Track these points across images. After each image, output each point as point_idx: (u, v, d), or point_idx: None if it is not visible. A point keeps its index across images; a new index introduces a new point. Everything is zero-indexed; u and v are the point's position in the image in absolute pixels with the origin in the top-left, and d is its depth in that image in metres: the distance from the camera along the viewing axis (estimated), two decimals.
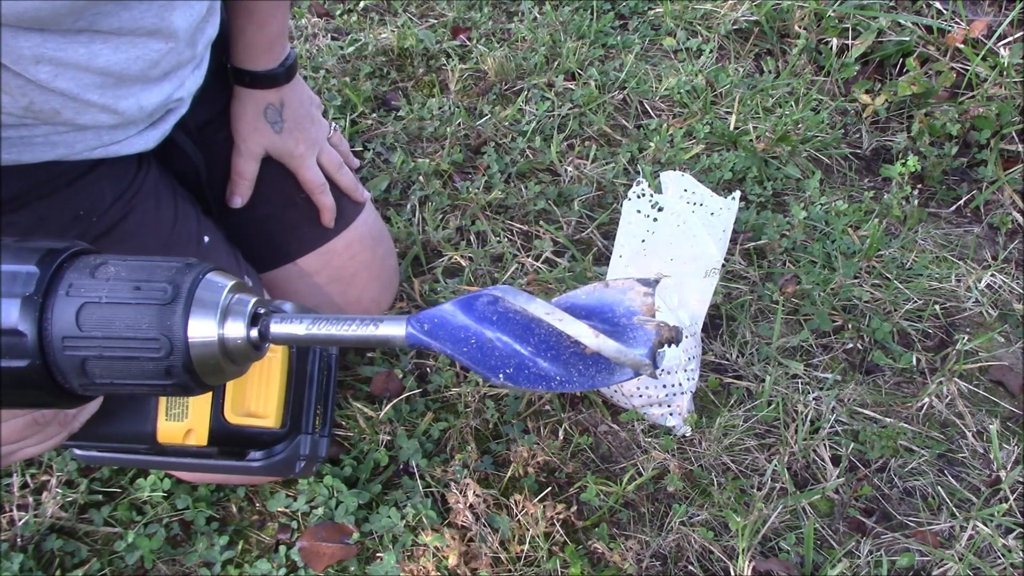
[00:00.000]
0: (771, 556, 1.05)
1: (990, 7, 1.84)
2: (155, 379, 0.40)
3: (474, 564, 1.00)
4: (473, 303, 0.41)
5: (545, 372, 0.39)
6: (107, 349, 0.39)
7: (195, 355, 0.40)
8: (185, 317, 0.39)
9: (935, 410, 1.23)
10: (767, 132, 1.58)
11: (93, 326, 0.39)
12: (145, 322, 0.39)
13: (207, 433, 0.58)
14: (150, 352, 0.39)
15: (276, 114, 1.02)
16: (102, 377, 0.40)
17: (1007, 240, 1.53)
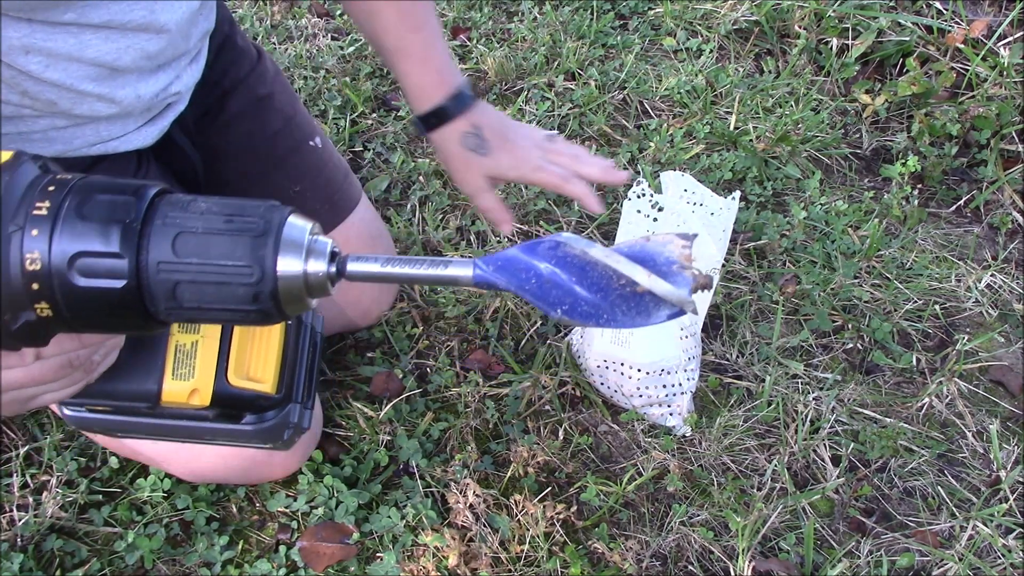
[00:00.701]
0: (771, 556, 1.05)
1: (990, 7, 1.84)
2: (242, 304, 0.43)
3: (474, 564, 1.00)
4: (536, 247, 0.46)
5: (595, 310, 0.45)
6: (201, 274, 0.42)
7: (281, 285, 0.44)
8: (276, 249, 0.43)
9: (935, 410, 1.23)
10: (767, 132, 1.58)
11: (189, 252, 0.42)
12: (239, 251, 0.43)
13: (210, 394, 0.59)
14: (242, 278, 0.43)
15: (476, 139, 0.95)
16: (191, 301, 0.43)
17: (1007, 240, 1.53)
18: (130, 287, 0.42)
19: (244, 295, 0.43)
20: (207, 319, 0.45)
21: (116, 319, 0.44)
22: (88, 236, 0.42)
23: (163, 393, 0.59)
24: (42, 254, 0.42)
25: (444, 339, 1.24)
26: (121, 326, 0.45)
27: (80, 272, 0.42)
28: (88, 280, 0.42)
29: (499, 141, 0.95)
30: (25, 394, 0.54)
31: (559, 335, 1.25)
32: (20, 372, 0.52)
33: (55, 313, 0.43)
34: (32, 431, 1.08)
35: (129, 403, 0.59)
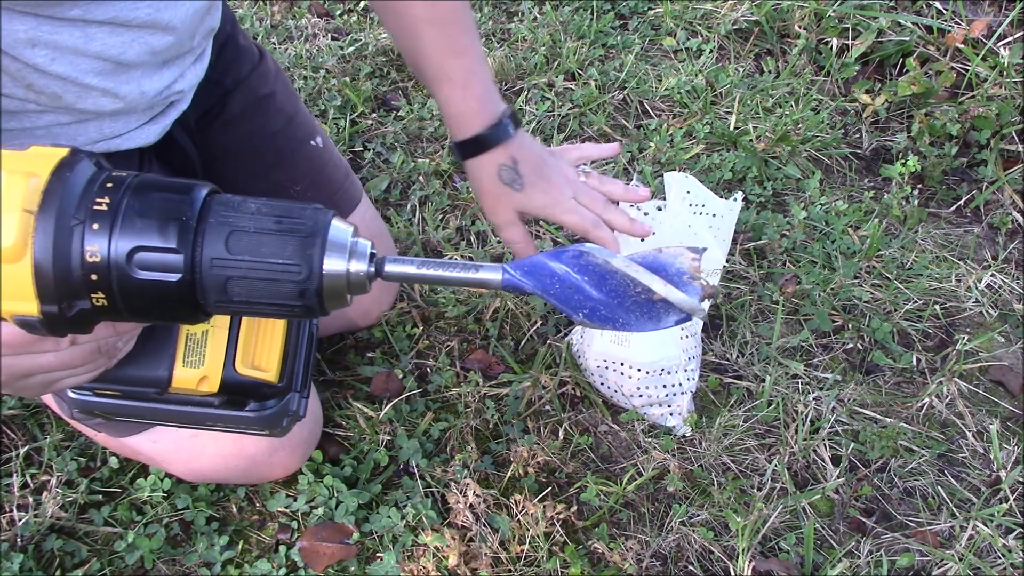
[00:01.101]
0: (771, 556, 1.05)
1: (990, 7, 1.84)
2: (288, 299, 0.46)
3: (474, 564, 1.00)
4: (561, 254, 0.50)
5: (612, 314, 0.49)
6: (252, 271, 0.45)
7: (326, 283, 0.47)
8: (322, 249, 0.46)
9: (935, 410, 1.23)
10: (767, 132, 1.58)
11: (241, 250, 0.45)
12: (289, 250, 0.46)
13: (219, 382, 0.61)
14: (291, 275, 0.46)
15: (512, 173, 0.93)
16: (240, 296, 0.46)
17: (1007, 240, 1.53)
18: (184, 281, 0.45)
19: (291, 291, 0.46)
20: (253, 313, 0.48)
21: (167, 310, 0.46)
22: (147, 232, 0.44)
23: (173, 379, 0.61)
24: (102, 248, 0.44)
25: (444, 339, 1.24)
26: (170, 317, 0.48)
27: (138, 266, 0.44)
28: (145, 273, 0.44)
29: (535, 177, 0.93)
30: (51, 378, 0.55)
31: (559, 335, 1.25)
32: (52, 357, 0.53)
33: (110, 303, 0.45)
34: (32, 431, 1.08)
35: (139, 388, 0.61)
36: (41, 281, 0.44)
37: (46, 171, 0.44)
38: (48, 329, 0.46)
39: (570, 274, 0.50)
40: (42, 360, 0.53)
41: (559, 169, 0.95)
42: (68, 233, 0.44)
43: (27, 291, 0.44)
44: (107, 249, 0.44)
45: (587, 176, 0.97)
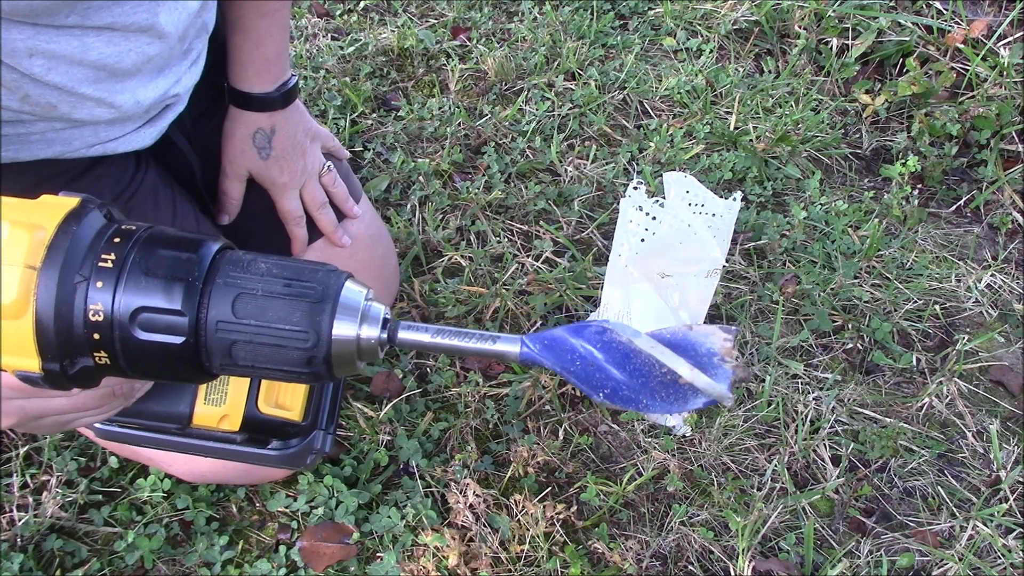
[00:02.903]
0: (771, 556, 1.05)
1: (990, 7, 1.84)
2: (295, 366, 0.45)
3: (474, 564, 1.00)
4: (583, 330, 0.47)
5: (635, 395, 0.47)
6: (258, 336, 0.44)
7: (335, 350, 0.45)
8: (332, 315, 0.45)
9: (935, 410, 1.23)
10: (767, 132, 1.58)
11: (247, 314, 0.44)
12: (297, 316, 0.44)
13: (240, 420, 0.61)
14: (297, 342, 0.44)
15: (265, 140, 0.98)
16: (245, 360, 0.45)
17: (1007, 240, 1.53)
18: (188, 344, 0.44)
19: (298, 358, 0.45)
20: (259, 376, 0.47)
21: (170, 370, 0.46)
22: (152, 292, 0.43)
23: (194, 416, 0.60)
24: (105, 306, 0.43)
25: None
26: (174, 377, 0.47)
27: (141, 327, 0.43)
28: (149, 335, 0.44)
29: (281, 153, 0.99)
30: (65, 419, 0.55)
31: None
32: (65, 401, 0.52)
33: (112, 361, 0.44)
34: None
35: (160, 423, 0.60)
36: (43, 339, 0.43)
37: (53, 224, 0.43)
38: (50, 385, 0.45)
39: (592, 352, 0.47)
40: (54, 403, 0.53)
41: (305, 155, 1.01)
42: (71, 290, 0.43)
43: (28, 348, 0.43)
44: (111, 308, 0.43)
45: (327, 173, 1.04)
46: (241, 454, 0.63)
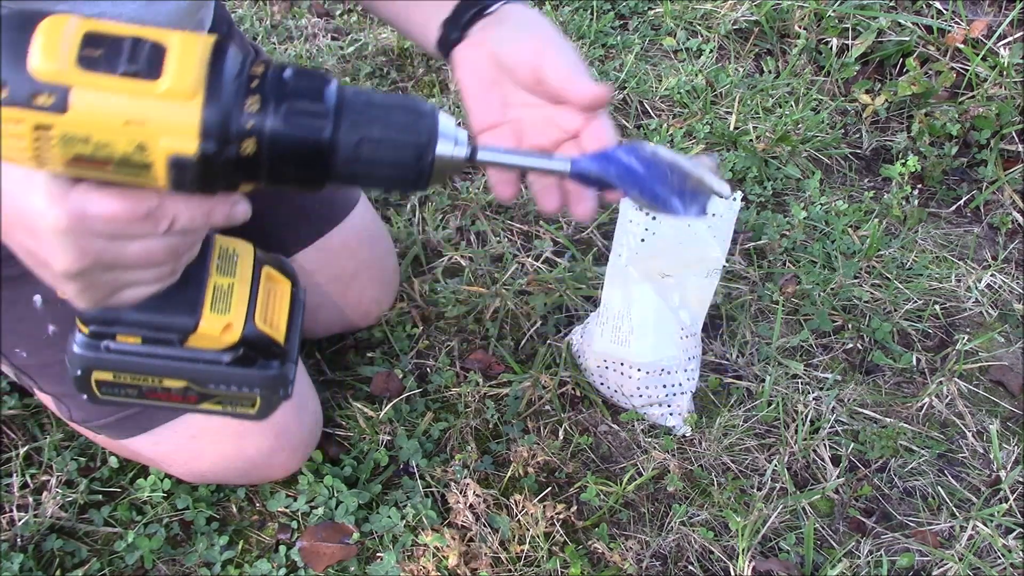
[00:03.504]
0: (771, 556, 1.05)
1: (990, 7, 1.84)
2: (405, 163, 0.53)
3: (474, 564, 1.00)
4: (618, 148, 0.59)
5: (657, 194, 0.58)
6: (383, 133, 0.52)
7: (437, 157, 0.53)
8: (435, 124, 0.53)
9: (935, 410, 1.23)
10: (767, 132, 1.58)
11: (374, 116, 0.52)
12: (412, 118, 0.52)
13: (240, 332, 0.64)
14: (413, 140, 0.52)
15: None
16: (367, 156, 0.52)
17: (1007, 240, 1.53)
18: (324, 139, 0.50)
19: (411, 156, 0.53)
20: (371, 180, 0.54)
21: (300, 168, 0.51)
22: (299, 93, 0.50)
23: (200, 324, 0.63)
24: (263, 97, 0.49)
25: (444, 339, 1.24)
26: (298, 177, 0.52)
27: (291, 118, 0.49)
28: (297, 129, 0.50)
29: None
30: (126, 278, 0.57)
31: (559, 335, 1.25)
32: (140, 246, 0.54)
33: (256, 153, 0.50)
34: (32, 431, 1.08)
35: (164, 333, 0.63)
36: (206, 120, 0.48)
37: (207, 39, 0.49)
38: (199, 169, 0.49)
39: (629, 160, 0.58)
40: (130, 250, 0.54)
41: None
42: (234, 82, 0.48)
43: (192, 129, 0.48)
44: (267, 101, 0.49)
45: None
46: (227, 375, 0.66)
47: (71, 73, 0.46)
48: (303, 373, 1.05)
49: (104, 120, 0.47)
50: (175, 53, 0.48)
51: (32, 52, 0.46)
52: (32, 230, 0.54)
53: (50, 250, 0.54)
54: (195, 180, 0.50)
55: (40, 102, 0.46)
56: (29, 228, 0.54)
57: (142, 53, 0.47)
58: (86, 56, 0.47)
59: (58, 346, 0.89)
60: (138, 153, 0.48)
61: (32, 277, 0.89)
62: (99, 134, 0.47)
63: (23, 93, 0.46)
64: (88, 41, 0.47)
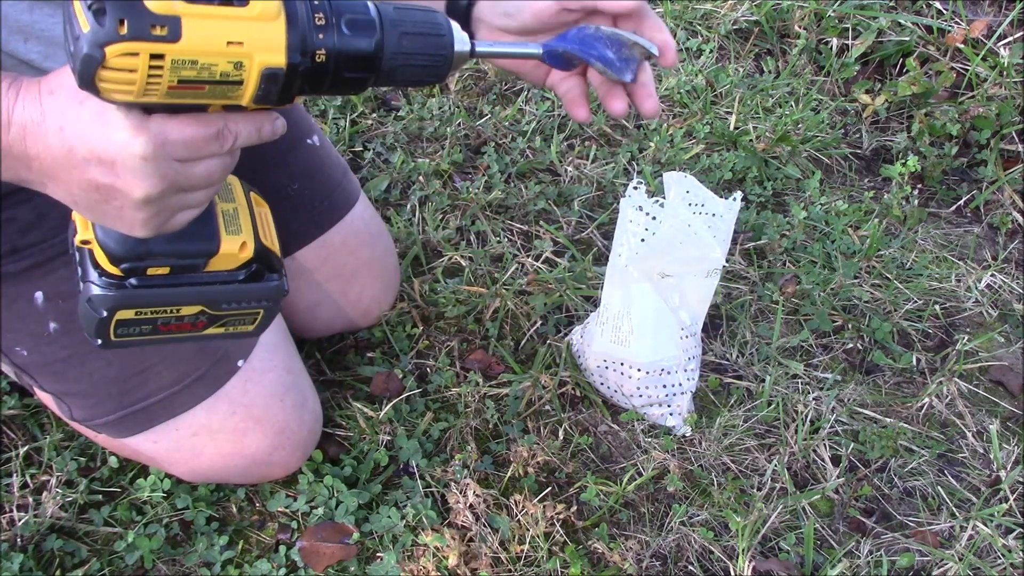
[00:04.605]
0: (771, 556, 1.05)
1: (990, 7, 1.84)
2: (437, 51, 0.64)
3: (474, 564, 1.00)
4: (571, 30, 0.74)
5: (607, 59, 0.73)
6: (417, 28, 0.62)
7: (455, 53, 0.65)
8: (451, 25, 0.65)
9: (935, 410, 1.23)
10: (767, 132, 1.58)
11: (407, 17, 0.62)
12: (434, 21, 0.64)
13: (253, 247, 0.72)
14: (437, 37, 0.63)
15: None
16: (408, 48, 0.62)
17: (1007, 240, 1.53)
18: (378, 40, 0.60)
19: (438, 45, 0.64)
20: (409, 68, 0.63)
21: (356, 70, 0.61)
22: (351, 8, 0.59)
23: (222, 245, 0.70)
24: (325, 13, 0.58)
25: (444, 339, 1.24)
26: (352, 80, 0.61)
27: (349, 28, 0.59)
28: (353, 31, 0.59)
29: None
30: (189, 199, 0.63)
31: (559, 335, 1.25)
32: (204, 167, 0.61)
33: (326, 60, 0.58)
34: (32, 431, 1.08)
35: (192, 260, 0.70)
36: (290, 37, 0.56)
37: None
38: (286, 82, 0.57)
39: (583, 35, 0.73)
40: (197, 170, 0.61)
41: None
42: (303, 3, 0.57)
43: (279, 44, 0.56)
44: (329, 15, 0.58)
45: None
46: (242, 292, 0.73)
47: (180, 5, 0.52)
48: (303, 372, 1.05)
49: (211, 44, 0.54)
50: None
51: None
52: (111, 163, 0.59)
53: (132, 179, 0.59)
54: (279, 91, 0.58)
55: (157, 33, 0.52)
56: (108, 162, 0.59)
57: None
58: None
59: (59, 343, 0.90)
60: (235, 71, 0.55)
61: (34, 274, 0.89)
62: (205, 56, 0.54)
63: (142, 26, 0.51)
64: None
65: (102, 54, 0.52)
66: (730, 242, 1.11)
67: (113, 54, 0.52)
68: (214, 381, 0.95)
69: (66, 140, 0.60)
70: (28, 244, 0.86)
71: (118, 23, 0.51)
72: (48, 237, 0.86)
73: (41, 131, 0.60)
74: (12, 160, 0.62)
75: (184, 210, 0.64)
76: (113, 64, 0.52)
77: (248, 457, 0.99)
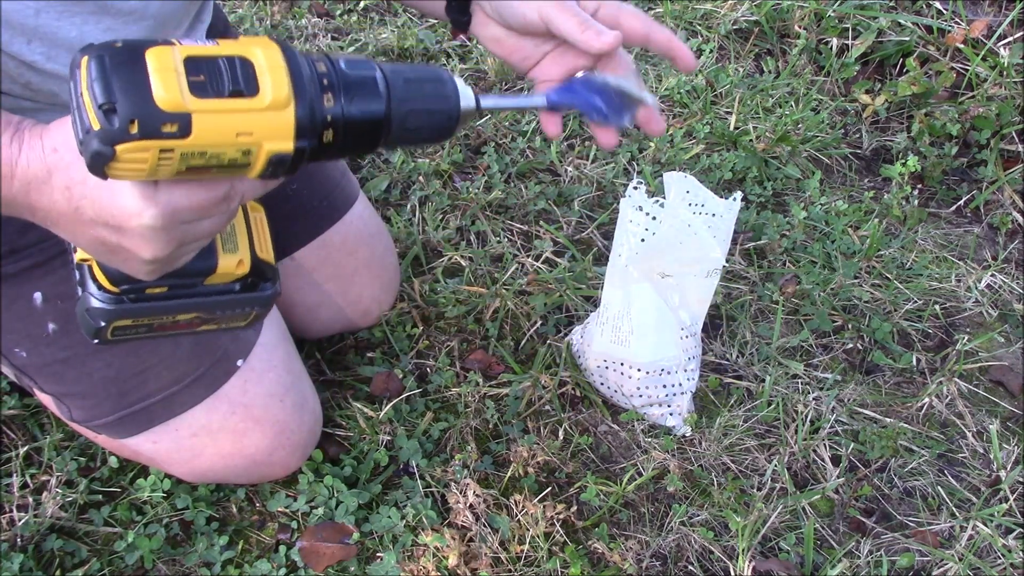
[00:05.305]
0: (771, 556, 1.05)
1: (990, 7, 1.84)
2: (443, 122, 0.64)
3: (474, 564, 1.00)
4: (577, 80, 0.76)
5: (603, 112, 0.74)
6: (424, 103, 0.62)
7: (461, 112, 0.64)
8: (457, 89, 0.64)
9: (935, 410, 1.23)
10: (767, 132, 1.58)
11: (414, 91, 0.61)
12: (440, 88, 0.63)
13: (250, 262, 0.73)
14: (446, 105, 0.63)
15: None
16: (412, 123, 0.62)
17: (1007, 240, 1.53)
18: (385, 115, 0.60)
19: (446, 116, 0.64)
20: (415, 139, 0.64)
21: (362, 144, 0.61)
22: (361, 83, 0.59)
23: (219, 265, 0.71)
24: (334, 94, 0.57)
25: (444, 339, 1.24)
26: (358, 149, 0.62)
27: (357, 107, 0.58)
28: (362, 112, 0.59)
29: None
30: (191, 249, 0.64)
31: (559, 335, 1.25)
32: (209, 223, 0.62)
33: (334, 139, 0.58)
34: (32, 431, 1.08)
35: (189, 279, 0.71)
36: (300, 123, 0.56)
37: (276, 46, 0.56)
38: (292, 163, 0.58)
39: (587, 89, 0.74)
40: (203, 227, 0.62)
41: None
42: (311, 84, 0.56)
43: (288, 132, 0.56)
44: (338, 96, 0.57)
45: None
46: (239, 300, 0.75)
47: (190, 101, 0.52)
48: (303, 372, 1.05)
49: (220, 137, 0.54)
50: (263, 66, 0.55)
51: (154, 85, 0.51)
52: (119, 228, 0.59)
53: (139, 243, 0.60)
54: (285, 170, 0.59)
55: (167, 130, 0.52)
56: (116, 226, 0.59)
57: (237, 71, 0.54)
58: (194, 82, 0.52)
59: (58, 344, 0.90)
60: (243, 157, 0.55)
61: (33, 275, 0.89)
62: (214, 148, 0.54)
63: (153, 125, 0.51)
64: (190, 66, 0.53)
65: (112, 152, 0.52)
66: (730, 242, 1.11)
67: (123, 152, 0.52)
68: (213, 381, 0.95)
69: (72, 200, 0.60)
70: (27, 244, 0.86)
71: (129, 123, 0.51)
72: (47, 236, 0.86)
73: (47, 188, 0.61)
74: (17, 208, 0.64)
75: (188, 253, 0.65)
76: (123, 159, 0.53)
77: (248, 457, 0.99)
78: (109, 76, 0.51)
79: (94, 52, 0.52)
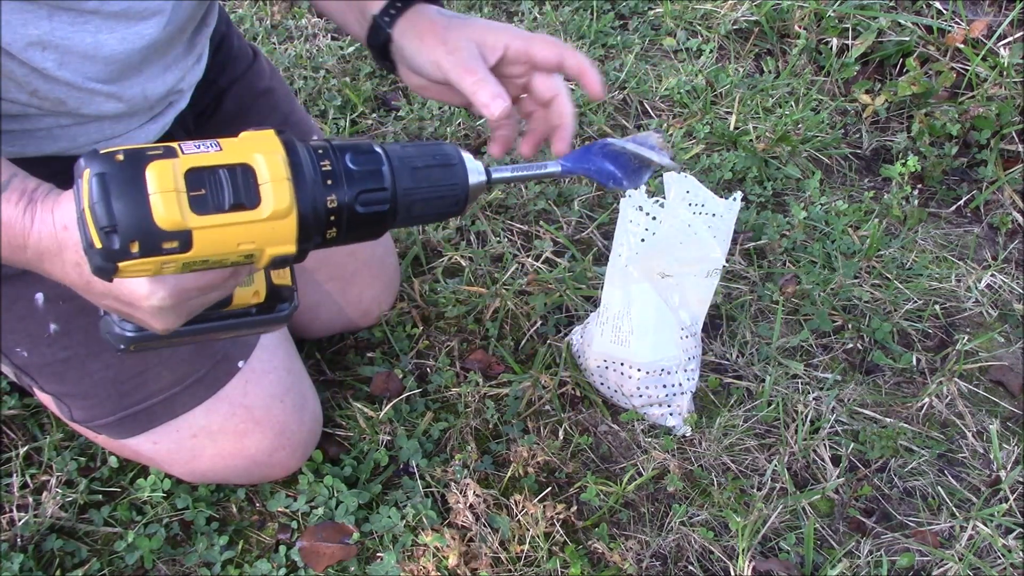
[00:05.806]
0: (771, 556, 1.05)
1: (990, 7, 1.84)
2: (450, 207, 0.65)
3: (474, 564, 1.00)
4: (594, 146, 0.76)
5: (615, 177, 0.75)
6: (431, 191, 0.63)
7: (470, 191, 0.65)
8: (466, 171, 0.65)
9: (935, 410, 1.23)
10: (767, 132, 1.58)
11: (420, 179, 0.62)
12: (449, 172, 0.64)
13: (265, 291, 0.74)
14: (453, 191, 0.64)
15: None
16: (419, 211, 0.63)
17: (1007, 240, 1.53)
18: (390, 209, 0.61)
19: (452, 200, 0.64)
20: (422, 221, 0.65)
21: (367, 233, 0.62)
22: (365, 179, 0.59)
23: (234, 299, 0.71)
24: (338, 196, 0.58)
25: (444, 339, 1.24)
26: (367, 236, 0.62)
27: (362, 204, 0.59)
28: (366, 208, 0.60)
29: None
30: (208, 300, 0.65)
31: (559, 335, 1.25)
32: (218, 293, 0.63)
33: (337, 235, 0.59)
34: (32, 431, 1.08)
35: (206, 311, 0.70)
36: (302, 229, 0.56)
37: (279, 148, 0.56)
38: (296, 258, 0.58)
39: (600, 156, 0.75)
40: (212, 296, 0.63)
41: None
42: (317, 190, 0.57)
43: (290, 237, 0.56)
44: (342, 196, 0.58)
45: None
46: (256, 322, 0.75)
47: (190, 218, 0.52)
48: (303, 373, 1.05)
49: (221, 248, 0.55)
50: (264, 173, 0.55)
51: (154, 205, 0.52)
52: (130, 304, 0.62)
53: (150, 319, 0.62)
54: (289, 263, 0.59)
55: (168, 247, 0.53)
56: (126, 302, 0.62)
57: (238, 181, 0.54)
58: (195, 197, 0.53)
59: (59, 344, 0.90)
60: (245, 260, 0.57)
61: (34, 276, 0.89)
62: (216, 256, 0.55)
63: (153, 243, 0.52)
64: (191, 180, 0.53)
65: (114, 267, 0.53)
66: (730, 242, 1.11)
67: (125, 267, 0.53)
68: (214, 382, 0.95)
69: (83, 275, 0.62)
70: None
71: (129, 243, 0.52)
72: None
73: (59, 260, 0.63)
74: (32, 270, 0.66)
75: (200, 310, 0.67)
76: (125, 271, 0.54)
77: (248, 458, 0.99)
78: (110, 198, 0.51)
79: (96, 166, 0.52)
